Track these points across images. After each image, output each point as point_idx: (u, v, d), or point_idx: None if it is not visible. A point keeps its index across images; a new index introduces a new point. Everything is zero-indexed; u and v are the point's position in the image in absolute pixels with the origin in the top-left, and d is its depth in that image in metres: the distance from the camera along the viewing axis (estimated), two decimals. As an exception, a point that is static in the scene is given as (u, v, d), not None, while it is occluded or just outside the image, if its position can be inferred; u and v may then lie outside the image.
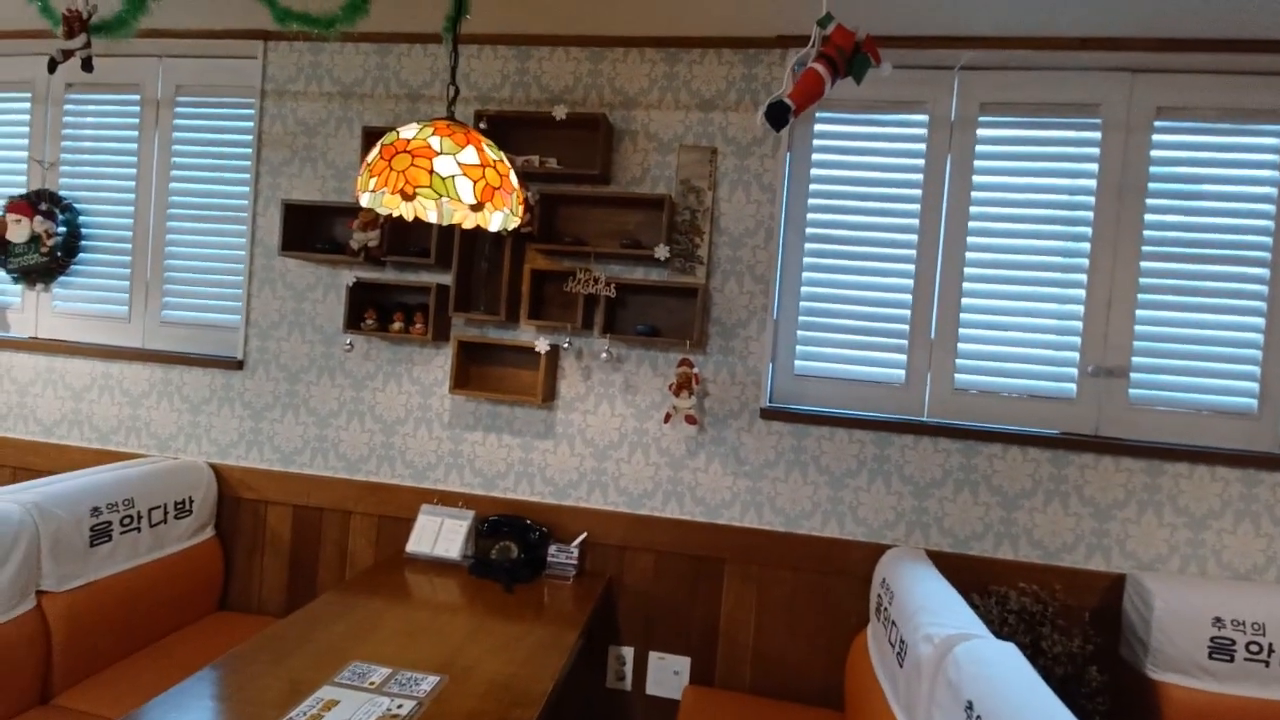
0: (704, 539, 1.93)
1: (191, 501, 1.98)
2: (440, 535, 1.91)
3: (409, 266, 2.03)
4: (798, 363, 1.99)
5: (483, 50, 2.04)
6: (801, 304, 1.99)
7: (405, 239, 2.00)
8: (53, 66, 1.45)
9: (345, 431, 2.08)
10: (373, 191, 1.17)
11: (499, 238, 1.96)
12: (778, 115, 1.21)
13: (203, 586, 2.00)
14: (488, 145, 1.25)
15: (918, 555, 1.73)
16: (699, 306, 1.87)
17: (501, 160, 1.27)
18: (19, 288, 2.34)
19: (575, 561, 1.90)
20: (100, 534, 1.69)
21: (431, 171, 1.15)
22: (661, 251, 1.83)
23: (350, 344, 2.00)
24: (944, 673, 1.17)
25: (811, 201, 1.97)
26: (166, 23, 2.11)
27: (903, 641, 1.41)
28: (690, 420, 1.86)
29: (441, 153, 1.17)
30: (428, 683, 1.28)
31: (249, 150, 2.18)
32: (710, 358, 1.94)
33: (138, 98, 2.28)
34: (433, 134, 1.19)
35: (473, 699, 1.24)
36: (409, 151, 1.15)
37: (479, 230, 1.96)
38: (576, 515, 1.98)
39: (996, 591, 1.73)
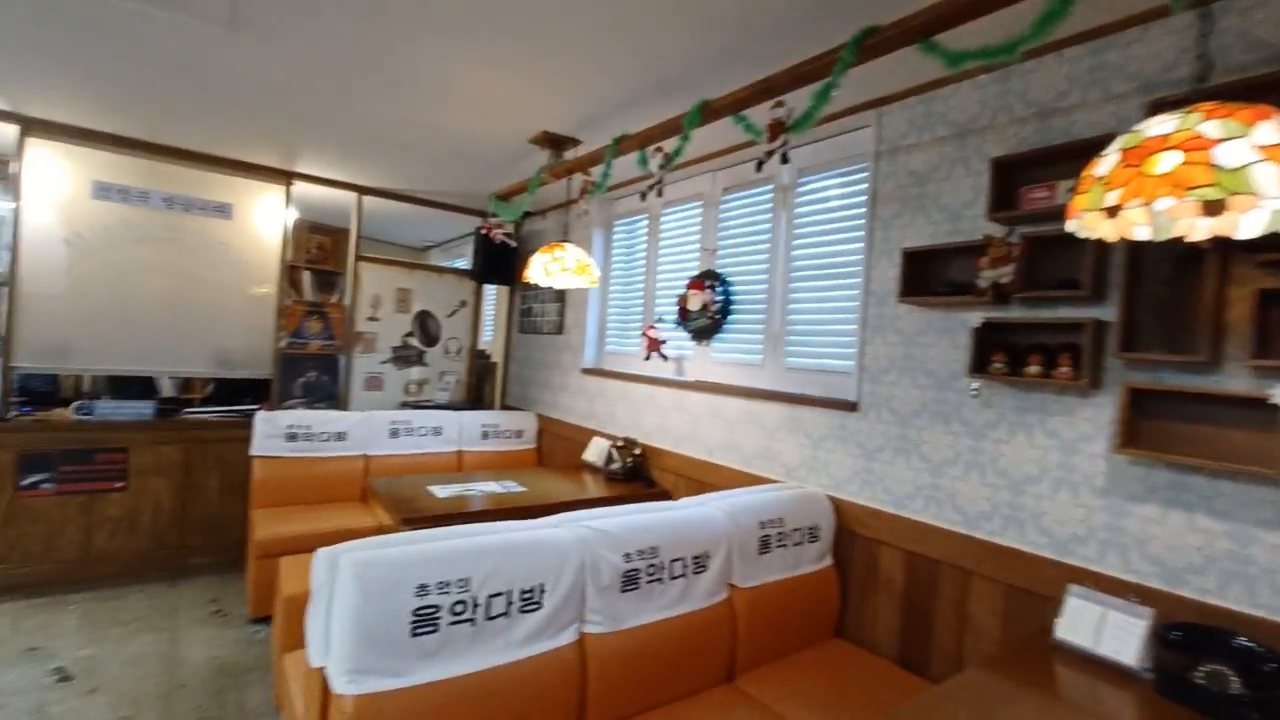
0: None
1: (818, 529, 2.21)
2: (1104, 629, 1.54)
3: (1045, 302, 1.78)
4: None
5: (1147, 30, 1.66)
6: None
7: (1041, 272, 1.77)
8: (759, 166, 1.88)
9: (962, 483, 1.96)
10: (1114, 206, 1.00)
11: (1191, 255, 1.51)
12: None
13: (823, 611, 2.19)
14: (1283, 121, 0.92)
15: None
16: None
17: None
18: (692, 343, 3.18)
19: (1367, 735, 1.22)
20: (764, 544, 2.03)
21: (1212, 165, 0.90)
22: None
23: (977, 389, 1.89)
24: None
25: None
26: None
27: None
28: None
29: (1225, 138, 0.90)
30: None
31: (861, 210, 2.38)
32: None
33: (771, 187, 2.82)
34: (1202, 119, 0.93)
35: None
36: (1177, 148, 0.93)
37: (1151, 249, 1.56)
38: (1355, 659, 1.28)
39: None
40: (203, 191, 3.67)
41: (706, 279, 3.04)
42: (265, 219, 3.87)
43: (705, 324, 3.01)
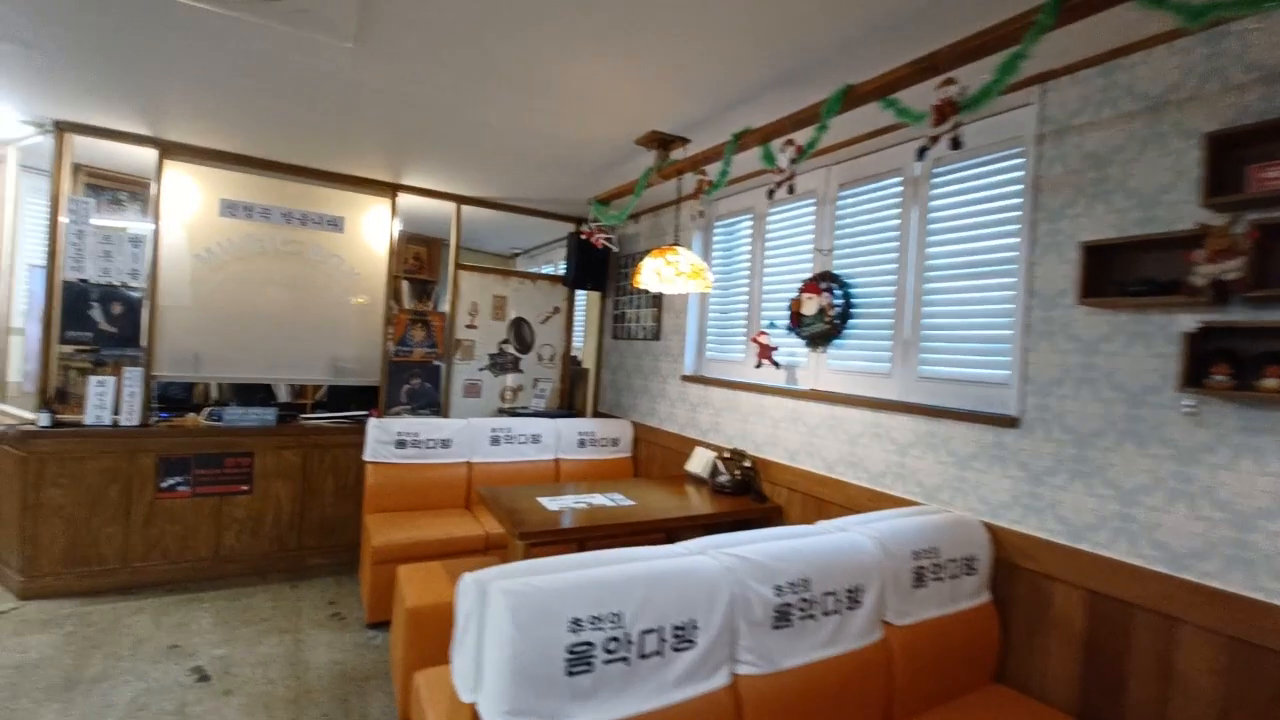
0: None
1: (974, 561, 1.97)
2: (1388, 706, 1.25)
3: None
4: None
5: None
6: None
7: (1274, 267, 1.48)
8: (921, 154, 1.69)
9: (1165, 515, 1.68)
10: None
11: None
12: None
13: (981, 652, 1.95)
14: None
15: None
16: None
17: None
18: (805, 350, 2.98)
19: None
20: (919, 577, 1.82)
21: None
22: None
23: (1193, 405, 1.60)
24: None
25: None
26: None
27: None
28: None
29: None
30: None
31: (1015, 201, 2.12)
32: None
33: (898, 180, 2.59)
34: None
35: None
36: None
37: None
38: None
39: None
40: (318, 206, 3.81)
41: (823, 281, 2.84)
42: (373, 231, 3.98)
43: (822, 329, 2.81)
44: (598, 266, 4.49)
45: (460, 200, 4.23)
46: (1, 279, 3.53)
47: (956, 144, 1.59)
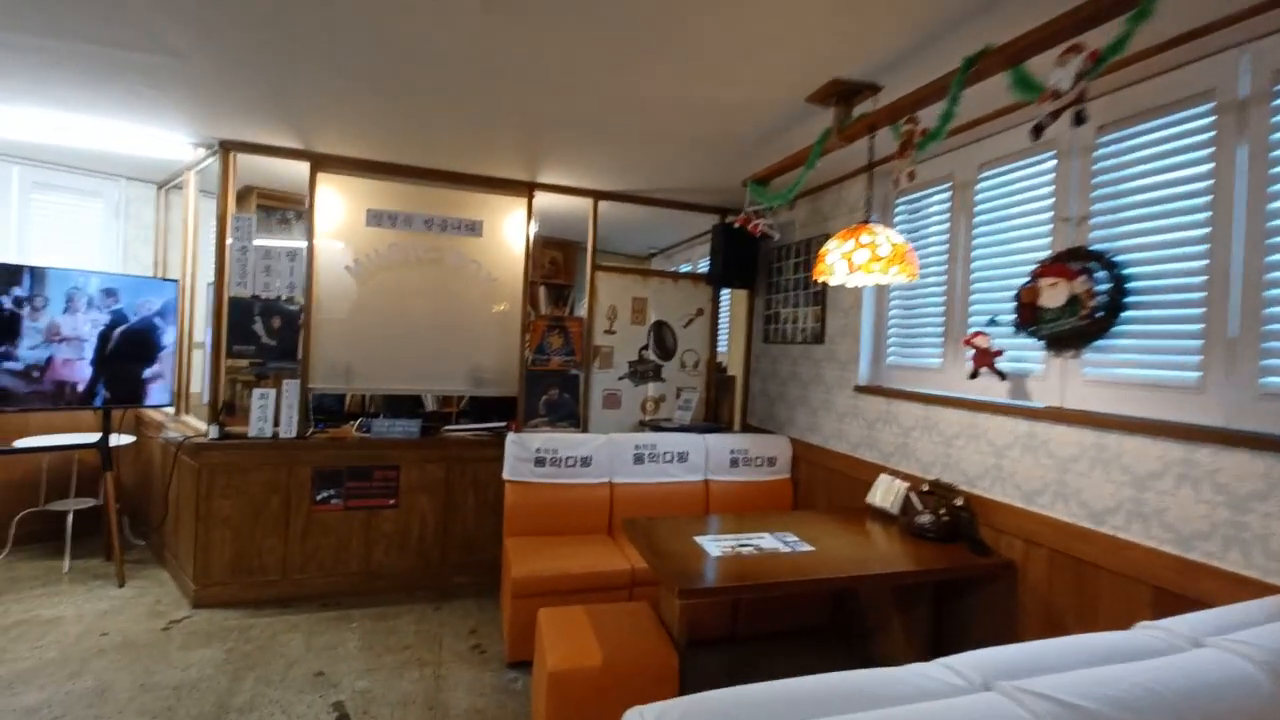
0: None
1: None
2: None
3: None
4: None
5: None
6: None
7: None
8: None
9: None
10: None
11: None
12: None
13: None
14: None
15: None
16: None
17: None
18: (1044, 354, 2.24)
19: None
20: (1347, 737, 1.10)
21: None
22: None
23: None
24: None
25: None
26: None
27: None
28: None
29: None
30: None
31: None
32: None
33: (1206, 108, 1.79)
34: None
35: None
36: None
37: None
38: None
39: None
40: (457, 210, 3.68)
41: (1074, 260, 2.09)
42: (511, 233, 3.79)
43: (1076, 327, 2.07)
44: (746, 261, 3.96)
45: (597, 196, 3.91)
46: (185, 297, 3.77)
47: None
